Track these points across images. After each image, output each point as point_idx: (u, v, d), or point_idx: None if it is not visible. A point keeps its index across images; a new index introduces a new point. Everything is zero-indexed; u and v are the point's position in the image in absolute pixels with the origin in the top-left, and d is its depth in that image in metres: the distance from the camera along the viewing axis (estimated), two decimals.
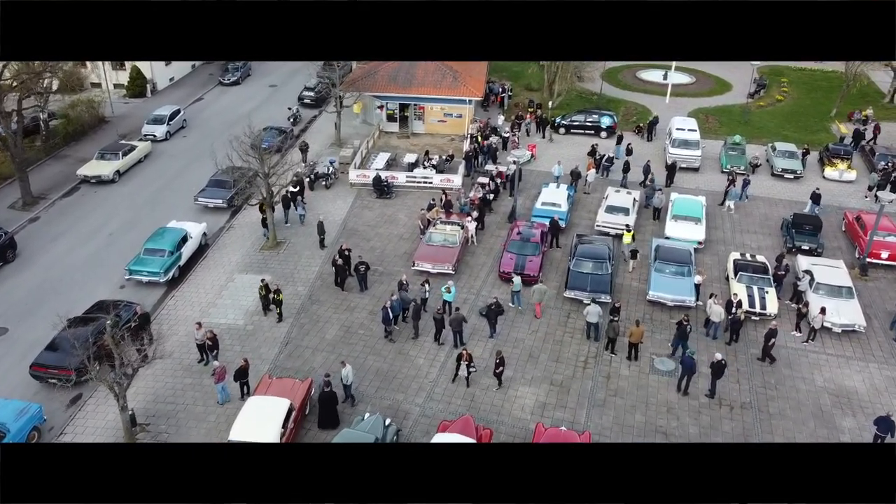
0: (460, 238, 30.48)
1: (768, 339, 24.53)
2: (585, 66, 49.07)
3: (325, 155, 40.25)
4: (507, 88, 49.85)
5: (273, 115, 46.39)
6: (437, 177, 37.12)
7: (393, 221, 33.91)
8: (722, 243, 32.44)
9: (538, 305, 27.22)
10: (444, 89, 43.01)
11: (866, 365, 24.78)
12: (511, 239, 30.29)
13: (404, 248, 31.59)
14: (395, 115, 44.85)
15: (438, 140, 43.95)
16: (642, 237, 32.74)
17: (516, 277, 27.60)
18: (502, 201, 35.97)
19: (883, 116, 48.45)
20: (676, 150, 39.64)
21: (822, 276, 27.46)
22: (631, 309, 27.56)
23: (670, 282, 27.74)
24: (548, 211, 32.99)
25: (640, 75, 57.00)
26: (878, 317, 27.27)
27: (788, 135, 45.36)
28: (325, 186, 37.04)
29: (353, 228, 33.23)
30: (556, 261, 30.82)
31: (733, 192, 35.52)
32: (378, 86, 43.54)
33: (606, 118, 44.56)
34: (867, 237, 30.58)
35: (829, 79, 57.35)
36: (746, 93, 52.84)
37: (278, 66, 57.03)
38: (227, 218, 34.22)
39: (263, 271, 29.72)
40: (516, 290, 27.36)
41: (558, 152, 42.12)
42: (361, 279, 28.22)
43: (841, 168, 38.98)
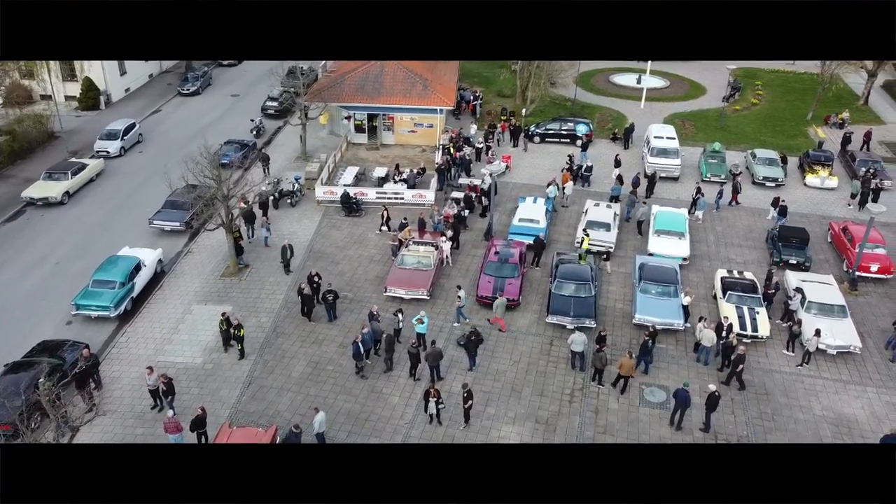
0: (435, 260, 28.77)
1: (736, 366, 23.31)
2: (559, 71, 47.69)
3: (290, 170, 38.22)
4: (478, 96, 48.24)
5: (235, 127, 44.24)
6: (409, 192, 35.34)
7: (363, 241, 32.06)
8: (706, 258, 31.19)
9: (500, 320, 26.10)
10: (414, 98, 41.27)
11: (864, 390, 23.62)
12: (488, 260, 28.64)
13: (375, 271, 29.77)
14: (363, 126, 42.97)
15: (409, 151, 42.19)
16: (624, 253, 31.38)
17: (461, 291, 26.27)
18: (478, 217, 34.33)
19: (857, 119, 47.89)
20: (655, 159, 38.39)
21: (814, 294, 26.29)
22: (617, 333, 26.11)
23: (657, 303, 26.33)
24: (525, 228, 31.43)
25: (614, 79, 55.86)
26: (872, 335, 26.17)
27: (766, 140, 44.49)
28: (290, 204, 35.04)
29: (321, 251, 31.29)
30: (537, 282, 29.25)
31: (702, 202, 34.32)
32: (345, 95, 41.63)
33: (582, 126, 43.19)
34: (855, 249, 29.57)
35: (802, 81, 56.82)
36: (722, 96, 51.99)
37: (240, 75, 54.81)
38: (186, 241, 32.03)
39: (224, 301, 27.68)
40: (462, 305, 26.11)
41: (534, 162, 40.70)
42: (330, 308, 26.35)
43: (822, 175, 38.06)
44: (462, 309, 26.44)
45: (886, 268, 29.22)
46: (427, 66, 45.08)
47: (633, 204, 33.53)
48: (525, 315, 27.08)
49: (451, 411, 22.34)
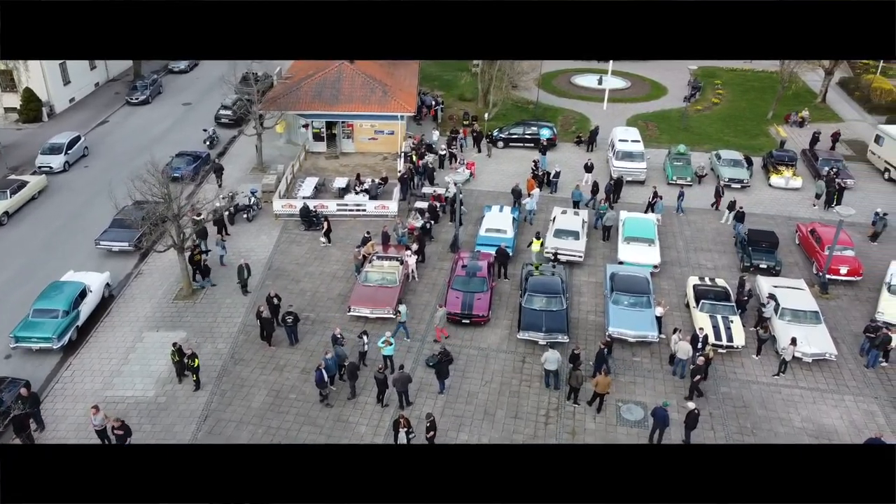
0: (400, 275, 27.62)
1: (694, 376, 22.77)
2: (521, 74, 46.90)
3: (246, 183, 36.65)
4: (439, 100, 47.16)
5: (187, 138, 42.42)
6: (371, 203, 34.10)
7: (324, 257, 30.73)
8: (677, 265, 30.65)
9: (439, 330, 25.40)
10: (374, 105, 40.04)
11: (842, 398, 23.22)
12: (456, 274, 27.60)
13: (338, 288, 28.49)
14: (321, 134, 41.57)
15: (370, 159, 40.95)
16: (594, 262, 30.67)
17: (402, 307, 25.41)
18: (443, 227, 33.28)
19: (817, 117, 48.17)
20: (621, 162, 37.83)
21: (787, 300, 25.87)
22: (590, 348, 25.28)
23: (630, 315, 25.60)
24: (492, 238, 30.48)
25: (575, 81, 55.39)
26: (846, 341, 25.86)
27: (729, 140, 44.38)
28: (246, 219, 33.50)
29: (280, 268, 29.88)
30: (506, 295, 28.32)
31: (659, 205, 33.87)
32: (302, 103, 40.19)
33: (546, 130, 42.45)
34: (824, 252, 29.33)
35: (760, 79, 57.13)
36: (683, 96, 51.86)
37: (192, 82, 52.85)
38: (135, 263, 30.28)
39: (178, 326, 26.11)
40: (403, 320, 25.23)
41: (498, 168, 39.83)
42: (290, 332, 25.01)
43: (786, 175, 37.95)
44: (403, 325, 25.41)
45: (856, 270, 29.02)
46: (386, 71, 43.90)
47: (601, 212, 32.70)
48: (495, 331, 26.13)
49: (420, 440, 21.22)
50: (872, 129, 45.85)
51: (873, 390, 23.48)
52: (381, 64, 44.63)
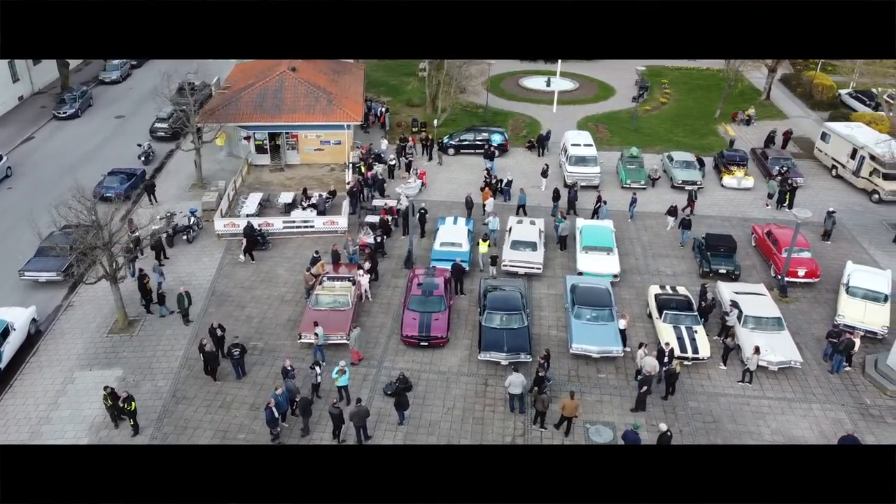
0: (353, 297, 26.23)
1: (641, 387, 22.20)
2: (469, 77, 45.89)
3: (185, 201, 34.66)
4: (386, 107, 45.75)
5: (121, 154, 40.07)
6: (320, 219, 32.54)
7: (271, 279, 29.09)
8: (636, 272, 30.05)
9: (355, 352, 24.09)
10: (319, 114, 38.44)
11: (809, 407, 22.84)
12: (411, 294, 26.34)
13: (287, 313, 26.92)
14: (265, 146, 39.75)
15: (317, 171, 39.35)
16: (552, 272, 29.83)
17: (319, 328, 24.03)
18: (396, 241, 31.99)
19: (762, 115, 48.59)
20: (574, 167, 37.15)
21: (750, 307, 25.44)
22: (555, 365, 24.37)
23: (593, 330, 24.80)
24: (448, 253, 29.31)
25: (524, 83, 54.78)
26: (809, 345, 25.58)
27: (680, 140, 44.28)
28: (186, 241, 31.56)
29: (224, 293, 28.12)
30: (464, 312, 27.21)
31: (603, 210, 33.31)
32: (242, 114, 38.30)
33: (497, 135, 41.55)
34: (781, 254, 29.13)
35: (705, 77, 57.55)
36: (631, 97, 51.71)
37: (125, 93, 50.19)
38: (65, 294, 28.09)
39: (113, 364, 24.17)
40: (320, 343, 23.97)
41: (451, 176, 38.73)
42: (237, 364, 23.37)
43: (738, 175, 37.89)
44: (320, 349, 24.10)
45: (813, 271, 28.89)
46: (330, 78, 42.35)
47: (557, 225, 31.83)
48: (455, 353, 24.99)
49: None
50: (817, 125, 46.49)
51: (840, 397, 23.20)
52: (324, 71, 43.06)
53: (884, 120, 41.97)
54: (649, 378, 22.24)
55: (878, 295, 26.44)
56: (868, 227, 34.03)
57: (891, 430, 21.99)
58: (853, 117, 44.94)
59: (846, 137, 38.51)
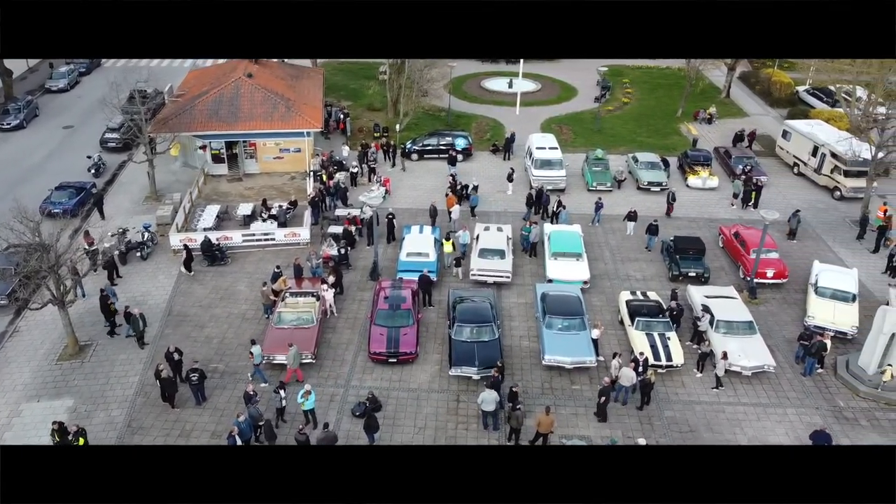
0: (317, 313, 25.27)
1: (601, 396, 21.76)
2: (431, 81, 45.07)
3: (139, 215, 33.22)
4: (346, 112, 44.67)
5: (70, 166, 38.33)
6: (281, 231, 31.44)
7: (231, 296, 27.93)
8: (606, 278, 29.65)
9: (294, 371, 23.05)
10: (277, 121, 37.29)
11: (784, 412, 22.63)
12: (378, 308, 25.48)
13: (249, 332, 25.80)
14: (221, 155, 38.44)
15: (276, 180, 38.17)
16: (522, 280, 29.26)
17: (256, 347, 23.13)
18: (360, 252, 31.08)
19: (723, 113, 48.82)
20: (540, 171, 36.65)
21: (722, 312, 25.19)
22: (527, 378, 23.82)
23: (565, 340, 24.25)
24: (414, 263, 28.50)
25: (486, 85, 54.23)
26: (780, 348, 25.44)
27: (643, 141, 44.16)
28: (140, 258, 30.18)
29: (182, 313, 26.88)
30: (433, 325, 26.45)
31: (563, 214, 32.91)
32: (196, 123, 36.94)
33: (461, 140, 40.88)
34: (749, 255, 29.02)
35: (666, 76, 57.72)
36: (593, 97, 51.56)
37: (73, 102, 48.20)
38: (10, 319, 26.51)
39: (63, 393, 22.82)
40: (257, 362, 23.06)
41: (415, 183, 37.93)
42: (196, 390, 22.22)
43: (703, 175, 37.84)
44: (259, 368, 23.19)
45: (781, 272, 28.83)
46: (288, 83, 41.21)
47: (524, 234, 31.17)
48: (425, 368, 24.21)
49: None
50: (776, 123, 46.92)
51: (813, 400, 23.05)
52: (281, 76, 41.90)
53: (842, 116, 42.40)
54: (608, 388, 21.80)
55: (846, 295, 26.43)
56: (832, 225, 34.22)
57: (865, 432, 21.89)
58: (812, 114, 45.38)
59: (807, 135, 38.76)
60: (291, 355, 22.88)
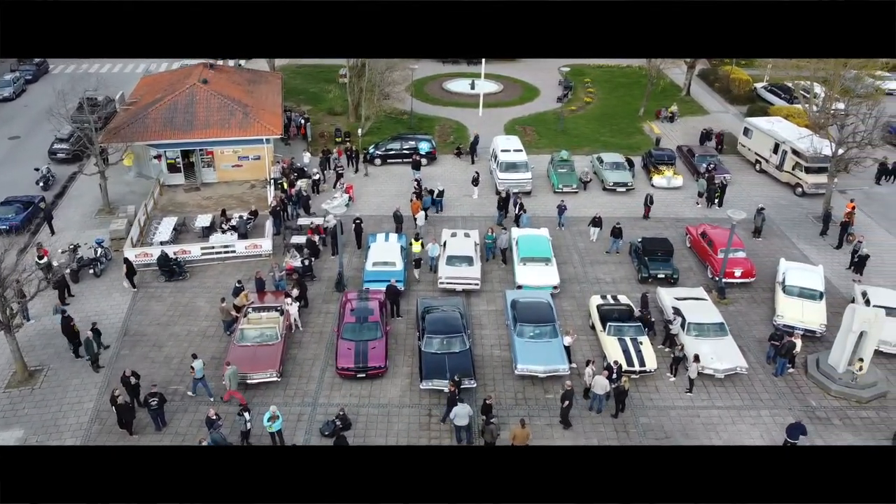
0: (281, 328, 24.40)
1: (563, 401, 21.42)
2: (392, 83, 44.32)
3: (91, 230, 31.84)
4: (307, 117, 43.65)
5: (16, 180, 36.73)
6: (241, 243, 30.41)
7: (191, 313, 26.85)
8: (576, 282, 29.32)
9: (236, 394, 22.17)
10: (235, 129, 36.19)
11: (759, 414, 22.52)
12: (345, 321, 24.70)
13: (210, 350, 24.81)
14: (177, 165, 37.19)
15: (236, 188, 37.06)
16: (491, 287, 28.78)
17: (197, 361, 22.30)
18: (325, 262, 30.24)
19: (684, 111, 49.08)
20: (505, 174, 36.21)
21: (693, 314, 25.03)
22: (500, 388, 23.31)
23: (538, 349, 23.79)
24: (381, 273, 27.80)
25: (448, 86, 53.68)
26: (751, 348, 25.38)
27: (607, 141, 44.08)
28: (93, 275, 28.89)
29: (139, 332, 25.74)
30: (402, 336, 25.78)
31: (524, 218, 32.52)
32: (150, 132, 35.63)
33: (424, 143, 40.24)
34: (717, 255, 28.99)
35: (626, 75, 57.95)
36: (556, 97, 51.42)
37: (19, 111, 46.31)
38: None
39: (12, 424, 21.55)
40: (198, 376, 22.30)
41: (378, 189, 37.18)
42: (156, 415, 21.19)
43: (668, 175, 37.84)
44: (203, 381, 22.40)
45: (749, 271, 28.84)
46: (245, 89, 40.10)
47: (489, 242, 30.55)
48: (395, 382, 23.53)
49: None
50: (736, 120, 47.33)
51: (786, 401, 22.99)
52: (238, 82, 40.78)
53: (801, 113, 42.89)
54: (570, 392, 21.42)
55: (813, 293, 26.52)
56: (795, 221, 34.48)
57: (838, 431, 21.90)
58: (771, 111, 45.88)
59: (768, 132, 39.07)
60: (228, 375, 22.00)
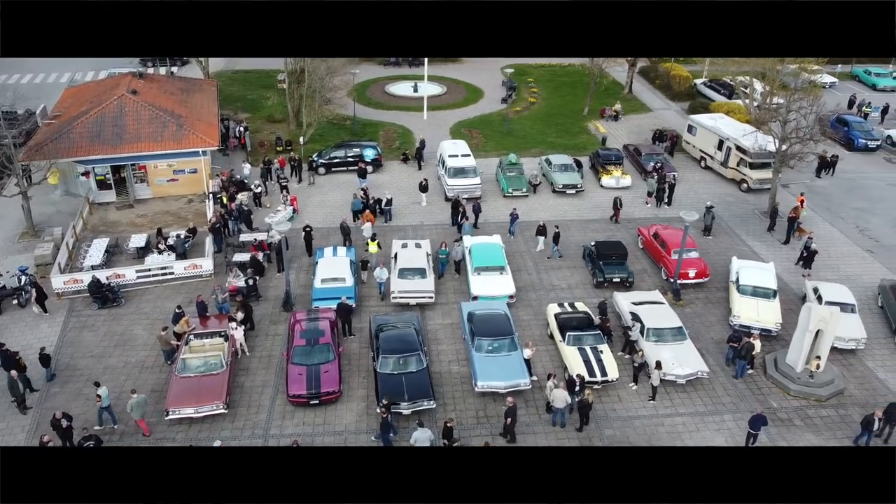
0: (227, 355, 22.99)
1: (507, 417, 20.84)
2: (333, 89, 42.96)
3: (13, 256, 29.63)
4: (245, 126, 41.90)
5: None
6: (180, 264, 28.73)
7: (128, 342, 25.13)
8: (531, 289, 28.73)
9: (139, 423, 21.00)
10: (168, 141, 34.35)
11: (722, 419, 22.30)
12: (294, 344, 23.45)
13: (151, 382, 23.22)
14: (108, 181, 35.08)
15: (172, 204, 35.20)
16: (446, 299, 27.93)
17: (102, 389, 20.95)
18: (271, 280, 28.85)
19: (628, 109, 49.23)
20: (454, 180, 35.40)
21: (652, 319, 24.70)
22: (460, 407, 22.48)
23: (498, 363, 23.04)
24: (331, 290, 26.61)
25: (390, 90, 52.58)
26: (710, 350, 25.23)
27: (553, 141, 43.78)
28: (18, 306, 26.81)
29: (71, 367, 23.91)
30: (355, 356, 24.68)
31: (466, 226, 31.86)
32: (76, 147, 33.47)
33: (370, 150, 39.08)
34: (671, 256, 28.83)
35: (569, 73, 57.92)
36: (500, 98, 50.92)
37: None
38: None
39: None
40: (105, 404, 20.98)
41: (324, 199, 35.89)
42: None
43: (616, 175, 37.68)
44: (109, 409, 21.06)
45: (703, 271, 28.78)
46: (178, 98, 38.19)
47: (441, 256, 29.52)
48: (350, 407, 22.42)
49: None
50: (678, 116, 47.75)
51: (748, 404, 22.82)
52: (170, 91, 38.82)
53: (742, 109, 43.43)
54: (513, 409, 20.81)
55: (767, 291, 26.57)
56: (743, 218, 34.74)
57: (800, 432, 21.86)
58: (712, 107, 46.33)
59: (712, 129, 39.35)
60: (132, 404, 20.61)
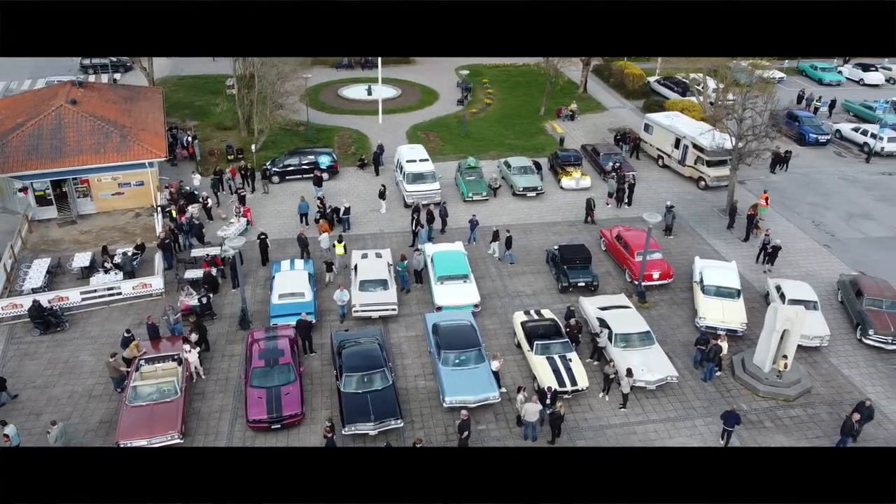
0: (181, 380, 21.82)
1: (462, 432, 20.28)
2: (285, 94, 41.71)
3: None
4: (194, 134, 40.35)
5: None
6: (128, 283, 27.33)
7: (74, 370, 23.70)
8: (496, 296, 28.19)
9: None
10: (111, 153, 32.80)
11: (693, 424, 22.08)
12: (253, 366, 22.39)
13: (99, 413, 21.88)
14: (48, 196, 33.30)
15: (119, 219, 33.62)
16: (409, 310, 27.18)
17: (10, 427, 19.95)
18: (225, 297, 27.67)
19: (584, 109, 49.19)
20: (413, 186, 34.64)
21: (619, 324, 24.37)
22: (428, 424, 21.77)
23: (465, 377, 22.40)
24: (289, 306, 25.58)
25: (343, 93, 51.56)
26: (677, 353, 25.05)
27: (511, 143, 43.40)
28: None
29: (11, 399, 22.41)
30: (318, 375, 23.75)
31: (422, 234, 31.28)
32: (12, 162, 31.68)
33: (325, 157, 38.03)
34: (634, 259, 28.63)
35: (523, 73, 57.71)
36: (456, 100, 50.36)
37: None
38: None
39: None
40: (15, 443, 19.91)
41: (279, 209, 34.73)
42: None
43: (576, 176, 37.43)
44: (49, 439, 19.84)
45: (667, 272, 28.64)
46: (121, 108, 36.55)
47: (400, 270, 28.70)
48: (314, 430, 21.47)
49: None
50: (633, 114, 47.92)
51: (718, 407, 22.63)
52: (112, 100, 37.11)
53: (696, 107, 43.71)
54: (467, 422, 20.26)
55: (731, 291, 26.54)
56: (702, 216, 34.84)
57: (771, 434, 21.78)
58: (667, 105, 46.57)
59: (668, 128, 39.44)
60: (55, 433, 19.63)
